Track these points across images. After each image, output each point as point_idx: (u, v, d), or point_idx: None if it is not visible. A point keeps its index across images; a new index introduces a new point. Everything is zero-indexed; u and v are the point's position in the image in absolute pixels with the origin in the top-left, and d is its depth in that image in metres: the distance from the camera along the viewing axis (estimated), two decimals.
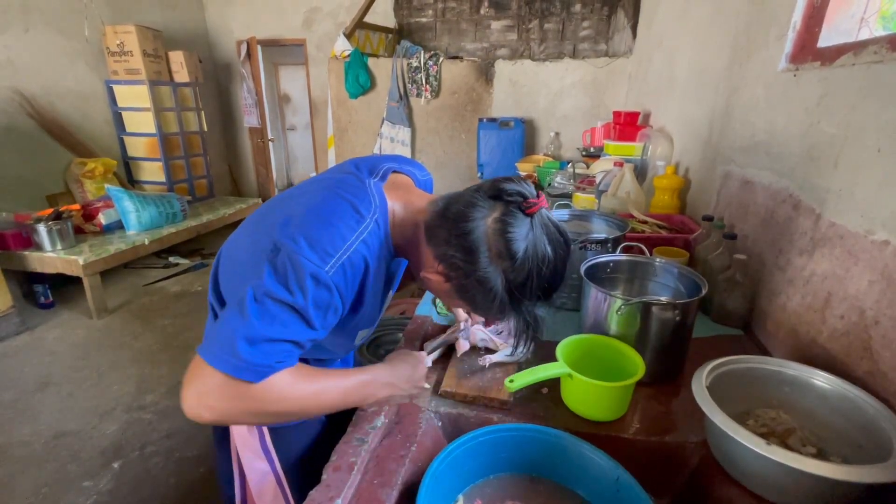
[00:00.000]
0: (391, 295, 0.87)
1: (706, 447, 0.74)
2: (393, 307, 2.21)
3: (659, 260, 1.06)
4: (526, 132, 3.73)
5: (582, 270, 0.99)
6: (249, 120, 5.26)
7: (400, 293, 1.25)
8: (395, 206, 0.73)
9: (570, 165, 2.33)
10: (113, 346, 2.81)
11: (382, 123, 3.92)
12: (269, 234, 0.65)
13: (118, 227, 3.60)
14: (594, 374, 0.79)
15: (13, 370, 2.55)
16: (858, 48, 0.85)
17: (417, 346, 1.03)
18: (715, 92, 1.58)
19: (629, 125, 2.48)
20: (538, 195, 0.64)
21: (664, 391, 0.89)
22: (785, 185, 1.05)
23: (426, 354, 0.91)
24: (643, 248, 1.13)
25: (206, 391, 0.59)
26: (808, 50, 1.06)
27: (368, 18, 3.93)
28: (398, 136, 3.92)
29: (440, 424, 0.84)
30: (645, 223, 1.55)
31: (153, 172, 4.36)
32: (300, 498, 0.71)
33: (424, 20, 4.28)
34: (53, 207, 3.41)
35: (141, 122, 4.18)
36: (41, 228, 3.04)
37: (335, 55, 3.77)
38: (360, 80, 3.76)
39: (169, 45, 4.35)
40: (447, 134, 3.89)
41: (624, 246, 1.15)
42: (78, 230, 3.38)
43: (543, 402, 0.87)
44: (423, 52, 3.80)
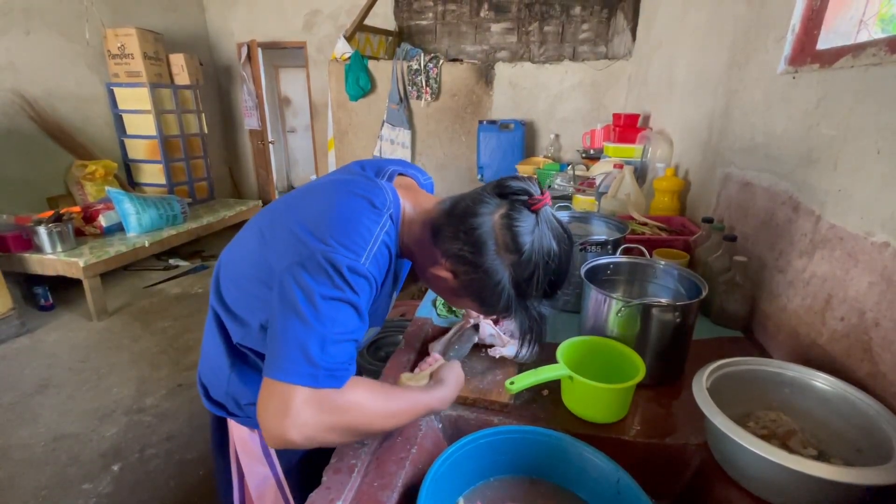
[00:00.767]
0: (395, 296, 0.87)
1: (707, 449, 0.74)
2: (393, 309, 2.21)
3: (659, 262, 1.06)
4: (526, 134, 3.73)
5: (582, 272, 0.99)
6: (250, 122, 5.27)
7: (400, 295, 1.25)
8: (405, 204, 0.74)
9: (569, 167, 2.34)
10: (113, 348, 2.81)
11: (382, 126, 3.93)
12: (292, 245, 0.64)
13: (118, 229, 3.60)
14: (594, 376, 0.79)
15: (13, 372, 2.55)
16: (857, 50, 0.85)
17: (418, 347, 1.03)
18: (714, 94, 1.59)
19: (629, 127, 2.48)
20: (542, 192, 0.66)
21: (665, 393, 0.89)
22: (784, 186, 1.05)
23: (456, 360, 0.88)
24: (643, 249, 1.13)
25: (290, 411, 0.56)
26: (807, 52, 1.06)
27: (368, 21, 3.94)
28: (398, 138, 3.92)
29: (440, 427, 0.84)
30: (645, 225, 1.55)
31: (154, 174, 4.37)
32: (300, 500, 0.70)
33: (424, 23, 4.29)
34: (54, 209, 3.42)
35: (141, 124, 4.19)
36: (42, 230, 3.04)
37: (335, 58, 3.78)
38: (360, 82, 3.77)
39: (170, 47, 4.36)
40: (447, 136, 3.89)
41: (624, 248, 1.15)
42: (78, 232, 3.38)
43: (544, 404, 0.86)
44: (423, 54, 3.80)
